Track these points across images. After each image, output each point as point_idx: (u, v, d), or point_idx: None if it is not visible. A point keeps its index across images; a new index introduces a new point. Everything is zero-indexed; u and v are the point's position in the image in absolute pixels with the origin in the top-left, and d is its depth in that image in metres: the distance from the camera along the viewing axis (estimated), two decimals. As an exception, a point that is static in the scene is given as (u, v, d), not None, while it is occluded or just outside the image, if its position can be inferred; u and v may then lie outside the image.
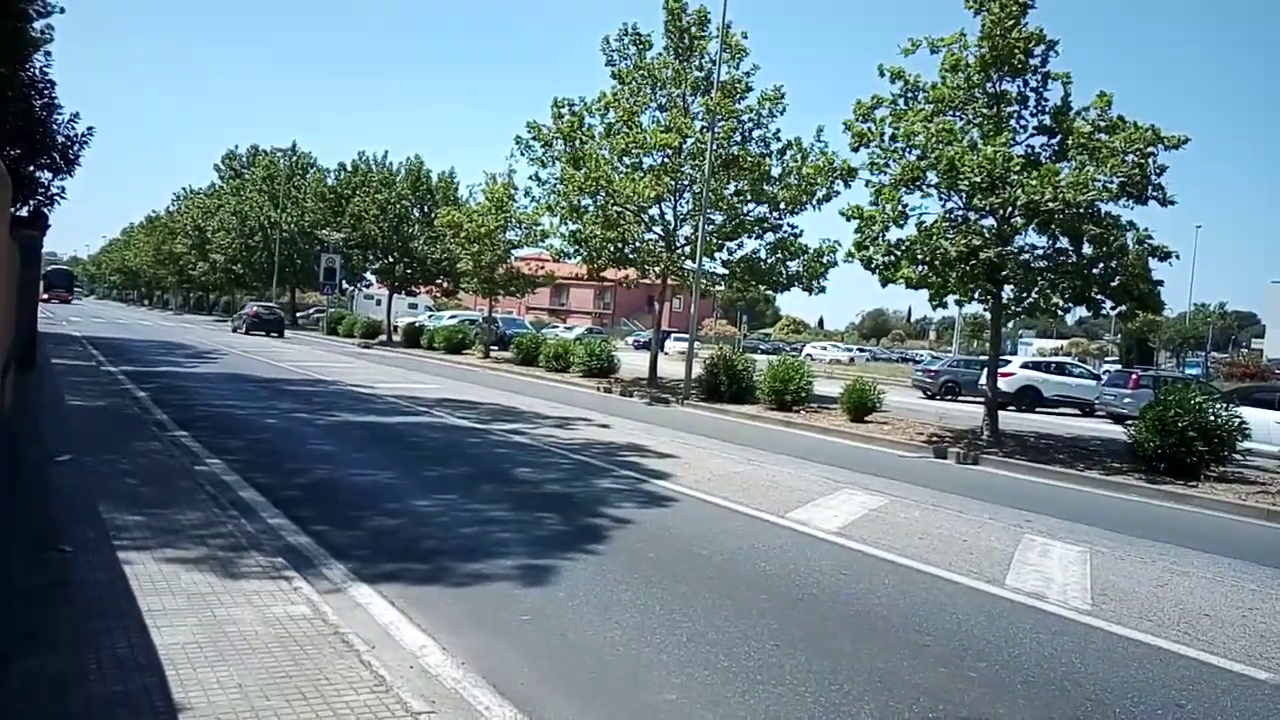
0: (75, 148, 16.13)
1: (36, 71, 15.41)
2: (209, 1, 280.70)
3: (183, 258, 70.32)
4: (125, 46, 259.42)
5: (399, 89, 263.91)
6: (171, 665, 4.09)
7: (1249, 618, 6.61)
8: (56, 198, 16.44)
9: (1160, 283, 14.79)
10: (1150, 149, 13.68)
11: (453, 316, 45.87)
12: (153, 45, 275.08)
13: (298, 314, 63.22)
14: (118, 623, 4.53)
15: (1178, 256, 14.63)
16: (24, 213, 15.93)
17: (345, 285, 57.83)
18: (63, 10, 16.60)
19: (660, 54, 24.01)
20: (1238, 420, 13.39)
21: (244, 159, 70.10)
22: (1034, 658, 5.39)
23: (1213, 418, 13.19)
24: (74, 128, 16.15)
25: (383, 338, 43.43)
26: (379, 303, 56.04)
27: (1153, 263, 14.56)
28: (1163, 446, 13.18)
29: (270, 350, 31.11)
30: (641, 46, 24.08)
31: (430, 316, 49.74)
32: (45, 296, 70.00)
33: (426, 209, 41.83)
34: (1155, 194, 14.17)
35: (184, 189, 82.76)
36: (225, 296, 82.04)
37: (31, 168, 15.77)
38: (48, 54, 15.91)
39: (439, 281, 42.59)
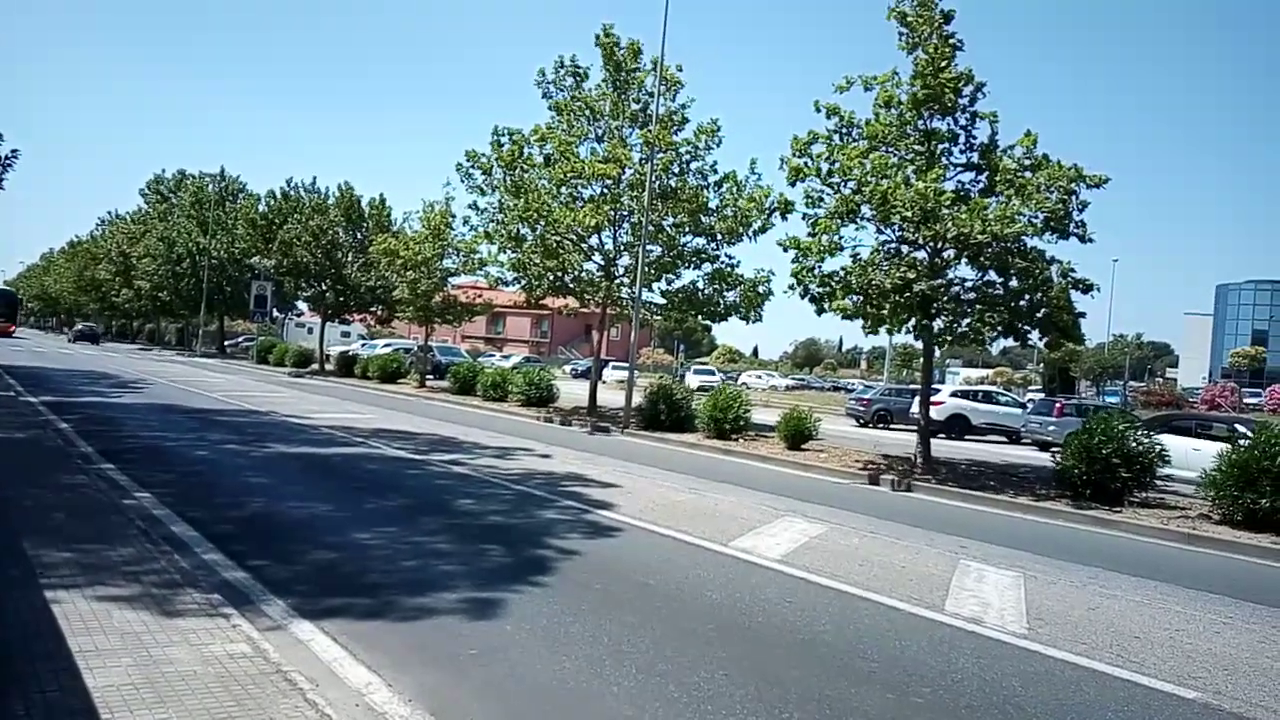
0: (-1, 170, 15.58)
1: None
2: (131, 21, 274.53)
3: (106, 284, 68.14)
4: (43, 64, 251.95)
5: (332, 117, 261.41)
6: (106, 708, 3.94)
7: (1176, 639, 6.84)
8: (-23, 222, 15.79)
9: (1083, 314, 15.35)
10: (1073, 186, 14.26)
11: (387, 345, 45.24)
12: (72, 64, 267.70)
13: (226, 342, 61.73)
14: (46, 664, 4.35)
15: (1099, 289, 15.24)
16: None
17: (276, 313, 56.76)
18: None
19: (597, 86, 24.27)
20: (1158, 447, 13.90)
21: (170, 184, 68.44)
22: (976, 682, 5.50)
23: (1135, 445, 13.67)
24: (-4, 150, 15.60)
25: (315, 367, 42.62)
26: (311, 331, 55.03)
27: (1074, 295, 15.11)
28: (1088, 473, 13.60)
29: (199, 380, 30.28)
30: (578, 78, 24.30)
31: (364, 345, 48.98)
32: None
33: (359, 235, 41.31)
34: (1077, 230, 14.74)
35: (109, 213, 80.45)
36: (150, 324, 79.76)
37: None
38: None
39: (373, 309, 42.02)
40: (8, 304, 66.59)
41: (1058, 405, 28.02)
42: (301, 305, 55.41)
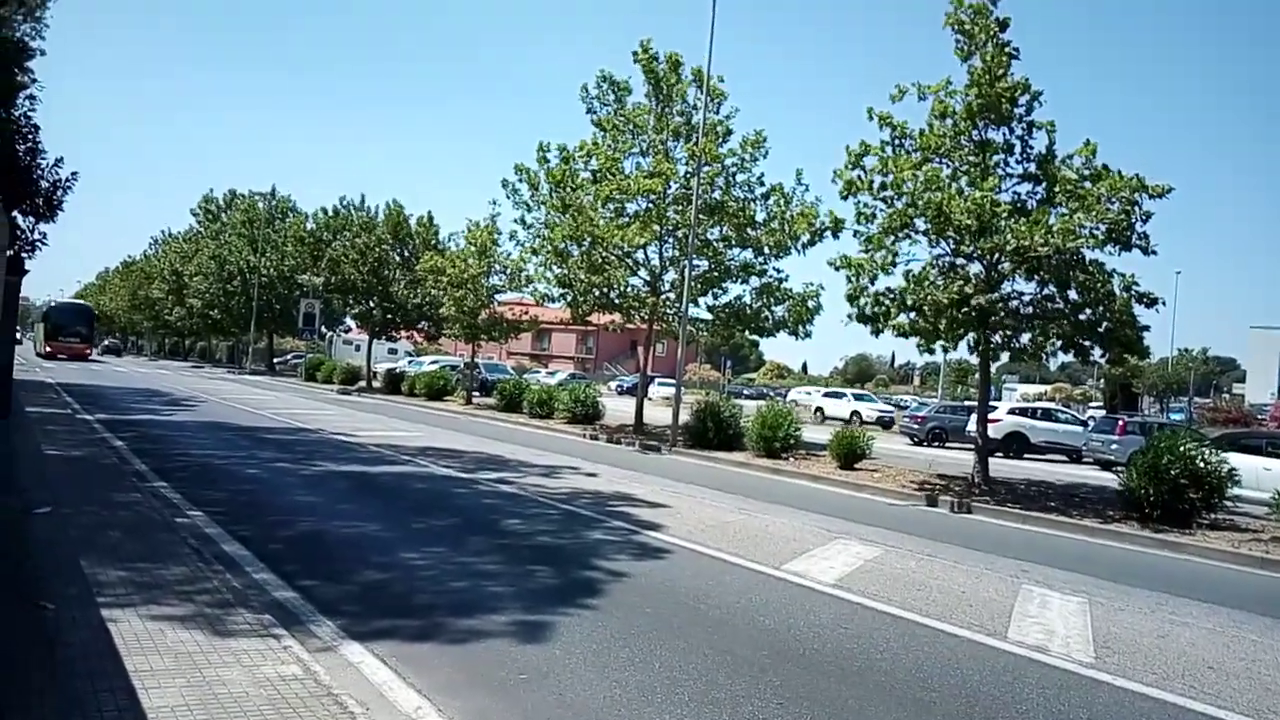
0: (59, 193, 16.00)
1: (21, 116, 15.33)
2: (182, 44, 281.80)
3: (159, 302, 69.72)
4: (99, 90, 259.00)
5: (380, 133, 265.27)
6: (160, 731, 3.92)
7: (1253, 669, 6.53)
8: (38, 244, 16.25)
9: (1146, 328, 14.91)
10: (1135, 196, 13.88)
11: (433, 362, 45.61)
12: (127, 88, 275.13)
13: (275, 360, 62.73)
14: (104, 684, 4.36)
15: (1163, 303, 14.78)
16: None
17: (324, 330, 57.56)
18: (43, 53, 16.65)
19: (641, 102, 24.25)
20: (1227, 467, 13.41)
21: (221, 203, 69.90)
22: (1042, 714, 5.28)
23: (1203, 465, 13.19)
24: (58, 172, 16.04)
25: (362, 384, 43.12)
26: (358, 348, 55.67)
27: (1138, 309, 14.70)
28: (1155, 494, 13.15)
29: (249, 397, 30.77)
30: (619, 93, 24.31)
31: (410, 362, 49.44)
32: (47, 349, 53.15)
33: (407, 253, 41.80)
34: (1139, 242, 14.35)
35: (162, 232, 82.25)
36: (201, 342, 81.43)
37: (14, 213, 15.60)
38: (31, 98, 15.87)
39: (420, 326, 42.43)
40: (85, 322, 58.36)
41: (1120, 423, 27.25)
42: (349, 322, 56.13)
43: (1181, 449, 13.26)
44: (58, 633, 5.03)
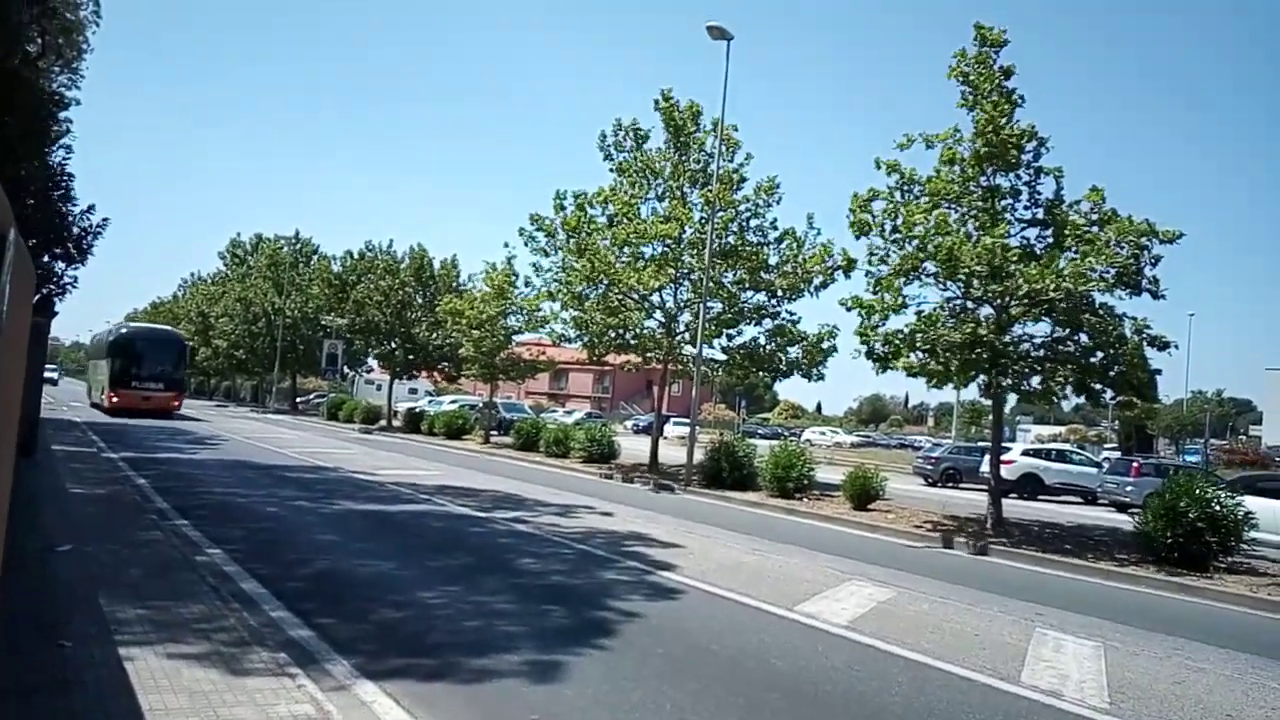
0: (89, 238, 16.39)
1: (55, 165, 15.76)
2: (203, 87, 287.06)
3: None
4: (125, 141, 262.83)
5: (405, 173, 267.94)
6: (175, 768, 4.00)
7: (1274, 717, 6.47)
8: (69, 287, 16.61)
9: (1158, 371, 14.93)
10: (1144, 241, 13.96)
11: (453, 401, 45.84)
12: (151, 132, 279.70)
13: (298, 399, 63.19)
14: (119, 723, 4.45)
15: (1176, 346, 14.75)
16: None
17: (347, 370, 58.03)
18: (79, 103, 17.13)
19: (659, 148, 24.66)
20: (1244, 510, 13.30)
21: (248, 246, 71.04)
22: (1054, 759, 5.27)
23: (1218, 508, 13.09)
24: (89, 219, 16.44)
25: (383, 423, 43.37)
26: (379, 388, 56.07)
27: (1150, 352, 14.70)
28: (1171, 537, 13.05)
29: (271, 436, 31.03)
30: (638, 140, 24.73)
31: (430, 401, 49.69)
32: (113, 399, 36.71)
33: (429, 295, 42.28)
34: (1149, 286, 14.40)
35: (190, 275, 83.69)
36: (226, 381, 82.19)
37: (46, 257, 15.98)
38: (66, 148, 16.31)
39: (441, 367, 42.76)
40: (173, 359, 39.18)
41: (1135, 465, 27.04)
42: (371, 363, 56.61)
43: (1197, 492, 13.17)
44: (74, 671, 5.13)
